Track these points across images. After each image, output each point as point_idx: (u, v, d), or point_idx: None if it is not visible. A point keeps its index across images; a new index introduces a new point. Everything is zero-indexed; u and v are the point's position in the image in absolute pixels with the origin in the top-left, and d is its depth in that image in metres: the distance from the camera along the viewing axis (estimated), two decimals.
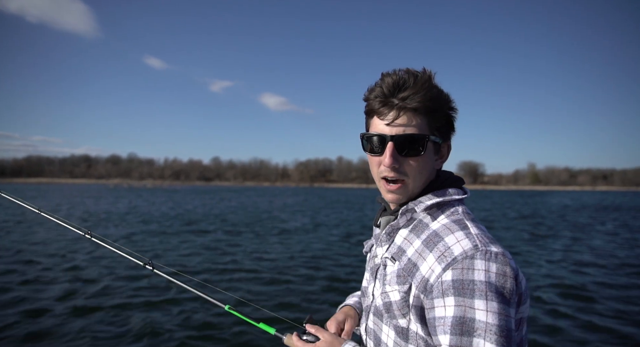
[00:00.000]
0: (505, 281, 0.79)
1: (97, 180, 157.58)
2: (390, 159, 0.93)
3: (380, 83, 0.96)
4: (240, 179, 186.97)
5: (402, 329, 0.92)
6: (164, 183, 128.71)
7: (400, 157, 0.95)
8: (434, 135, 0.96)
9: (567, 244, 12.19)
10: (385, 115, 0.95)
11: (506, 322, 0.77)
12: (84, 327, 4.94)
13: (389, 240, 1.04)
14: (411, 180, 0.97)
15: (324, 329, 1.12)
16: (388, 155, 0.94)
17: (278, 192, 69.68)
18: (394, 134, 0.93)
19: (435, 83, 0.96)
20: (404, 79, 0.93)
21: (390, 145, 0.94)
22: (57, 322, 5.05)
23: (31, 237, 11.60)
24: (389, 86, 0.93)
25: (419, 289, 0.88)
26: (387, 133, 0.94)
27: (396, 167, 0.95)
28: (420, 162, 0.96)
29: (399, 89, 0.93)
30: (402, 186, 0.97)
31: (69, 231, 1.67)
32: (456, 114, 1.00)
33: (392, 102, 0.93)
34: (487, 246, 0.83)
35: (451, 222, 0.92)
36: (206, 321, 5.27)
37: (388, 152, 0.94)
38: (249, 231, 14.26)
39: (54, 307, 5.64)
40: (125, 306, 5.72)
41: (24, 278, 7.00)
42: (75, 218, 17.92)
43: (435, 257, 0.86)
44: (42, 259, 8.58)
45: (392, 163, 0.94)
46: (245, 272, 8.06)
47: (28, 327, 4.86)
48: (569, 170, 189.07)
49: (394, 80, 0.93)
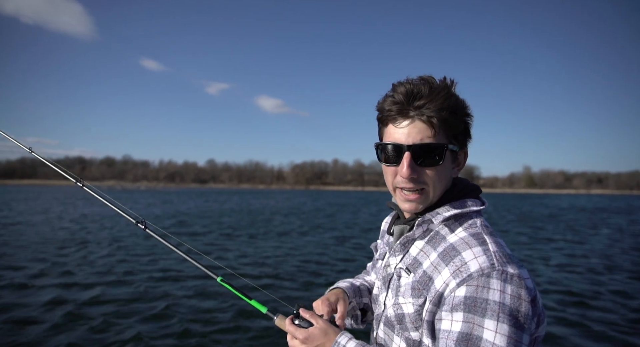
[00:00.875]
0: (520, 304, 0.77)
1: (91, 182, 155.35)
2: (408, 169, 0.90)
3: (394, 92, 0.93)
4: (236, 181, 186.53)
5: (413, 341, 0.91)
6: (157, 185, 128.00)
7: (417, 167, 0.92)
8: (451, 143, 0.93)
9: (564, 247, 11.98)
10: (400, 124, 0.92)
11: (515, 346, 0.74)
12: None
13: (403, 250, 1.01)
14: (430, 189, 0.94)
15: (318, 316, 1.05)
16: (406, 166, 0.90)
17: (273, 194, 69.16)
18: (410, 144, 0.90)
19: (452, 91, 0.92)
20: (418, 88, 0.90)
21: (407, 155, 0.90)
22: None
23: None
24: (404, 95, 0.90)
25: (432, 303, 0.85)
26: (403, 142, 0.91)
27: (414, 177, 0.92)
28: (439, 171, 0.93)
29: (414, 97, 0.90)
30: (422, 196, 0.94)
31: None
32: (472, 120, 0.97)
33: (408, 111, 0.90)
34: (505, 265, 0.81)
35: (469, 236, 0.90)
36: (197, 290, 5.07)
37: (405, 162, 0.90)
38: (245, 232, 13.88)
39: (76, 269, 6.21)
40: (113, 263, 6.02)
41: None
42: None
43: (451, 272, 0.84)
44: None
45: (410, 174, 0.90)
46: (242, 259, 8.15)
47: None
48: (564, 173, 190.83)
49: (408, 89, 0.90)
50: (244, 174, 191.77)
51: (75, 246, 7.28)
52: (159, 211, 23.86)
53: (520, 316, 0.77)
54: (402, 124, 0.92)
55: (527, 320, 0.77)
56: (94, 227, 12.00)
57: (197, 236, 13.24)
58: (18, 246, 10.26)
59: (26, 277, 6.71)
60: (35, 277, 6.75)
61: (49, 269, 7.45)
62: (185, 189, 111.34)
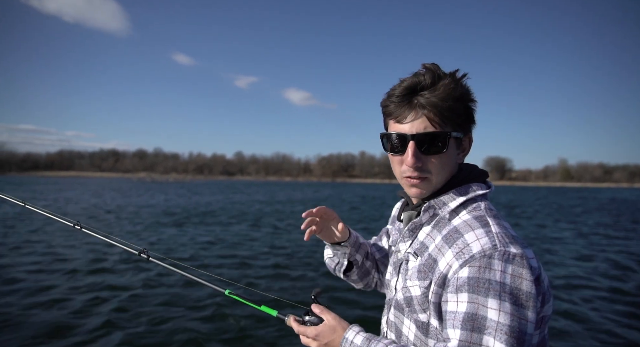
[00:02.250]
0: (521, 282, 0.79)
1: (123, 174, 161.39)
2: (413, 158, 0.93)
3: (398, 86, 0.95)
4: (263, 173, 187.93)
5: (422, 323, 0.94)
6: (186, 177, 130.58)
7: (422, 155, 0.94)
8: (455, 131, 0.94)
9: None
10: (404, 115, 0.94)
11: (519, 323, 0.76)
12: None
13: (411, 236, 1.04)
14: (434, 176, 0.96)
15: (329, 311, 1.06)
16: (410, 155, 0.93)
17: (299, 187, 68.85)
18: (414, 133, 0.93)
19: (455, 79, 0.93)
20: (420, 79, 0.93)
21: (411, 144, 0.93)
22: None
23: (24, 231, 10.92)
24: (407, 87, 0.93)
25: (437, 285, 0.88)
26: (407, 132, 0.94)
27: (419, 166, 0.94)
28: (443, 158, 0.94)
29: (416, 88, 0.92)
30: (426, 180, 0.96)
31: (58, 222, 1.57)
32: (476, 106, 0.98)
33: (411, 102, 0.93)
34: (507, 246, 0.82)
35: (472, 218, 0.91)
36: (206, 306, 5.04)
37: (410, 151, 0.93)
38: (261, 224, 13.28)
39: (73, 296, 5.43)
40: (122, 295, 5.34)
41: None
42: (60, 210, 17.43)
43: (454, 254, 0.87)
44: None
45: (414, 162, 0.93)
46: (244, 260, 8.03)
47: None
48: (604, 166, 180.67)
49: (411, 82, 0.93)
50: (271, 167, 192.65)
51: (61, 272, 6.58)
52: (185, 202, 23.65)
53: (522, 294, 0.78)
54: (406, 116, 0.93)
55: (529, 298, 0.78)
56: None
57: (224, 225, 12.79)
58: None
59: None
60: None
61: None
62: (213, 181, 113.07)
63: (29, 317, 4.70)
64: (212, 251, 9.20)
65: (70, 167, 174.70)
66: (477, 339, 0.77)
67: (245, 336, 4.38)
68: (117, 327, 4.49)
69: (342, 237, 1.20)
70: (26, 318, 4.68)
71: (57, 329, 4.41)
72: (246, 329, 4.51)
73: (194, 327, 4.52)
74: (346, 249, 1.23)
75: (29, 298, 5.41)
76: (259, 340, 4.28)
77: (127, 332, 4.35)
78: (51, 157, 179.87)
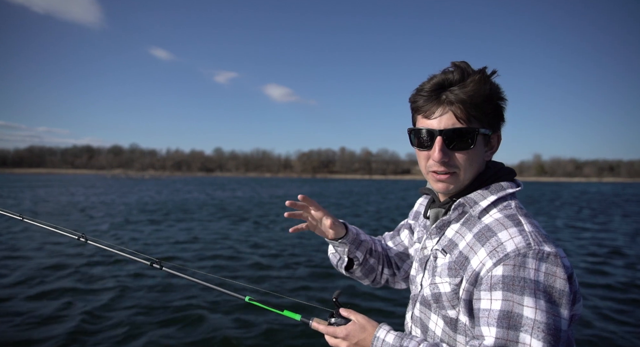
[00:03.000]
0: (555, 281, 0.80)
1: (97, 170, 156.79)
2: (440, 153, 0.93)
3: (427, 81, 0.96)
4: (242, 169, 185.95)
5: (451, 319, 0.94)
6: (163, 174, 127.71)
7: (449, 151, 0.95)
8: (483, 128, 0.95)
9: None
10: (432, 111, 0.95)
11: (554, 321, 0.78)
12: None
13: (439, 233, 1.04)
14: (462, 172, 0.97)
15: (357, 312, 1.06)
16: (437, 150, 0.94)
17: (279, 183, 68.29)
18: (442, 129, 0.93)
19: (484, 77, 0.94)
20: (449, 75, 0.93)
21: (439, 140, 0.94)
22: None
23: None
24: (436, 83, 0.94)
25: (469, 282, 0.89)
26: (435, 127, 0.94)
27: (446, 161, 0.95)
28: (471, 155, 0.95)
29: (445, 84, 0.93)
30: (453, 176, 0.97)
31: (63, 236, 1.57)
32: (505, 104, 0.98)
33: (439, 98, 0.93)
34: (541, 245, 0.83)
35: (504, 217, 0.91)
36: (227, 314, 4.82)
37: (437, 146, 0.94)
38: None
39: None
40: (136, 310, 4.93)
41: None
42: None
43: (487, 252, 0.87)
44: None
45: (441, 157, 0.94)
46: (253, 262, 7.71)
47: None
48: (575, 161, 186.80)
49: (440, 78, 0.94)
50: (251, 163, 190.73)
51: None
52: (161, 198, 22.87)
53: (556, 292, 0.79)
54: (434, 112, 0.94)
55: (563, 296, 0.79)
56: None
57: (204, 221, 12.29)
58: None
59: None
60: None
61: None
62: (191, 177, 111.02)
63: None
64: (193, 247, 8.74)
65: (40, 164, 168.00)
66: (513, 336, 0.78)
67: (270, 341, 4.27)
68: (136, 337, 4.26)
69: (336, 233, 1.18)
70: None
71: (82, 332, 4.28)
72: (269, 335, 4.38)
73: (216, 336, 4.34)
74: (345, 246, 1.22)
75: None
76: (284, 345, 4.18)
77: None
78: (20, 154, 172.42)
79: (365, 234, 1.31)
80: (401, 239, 1.34)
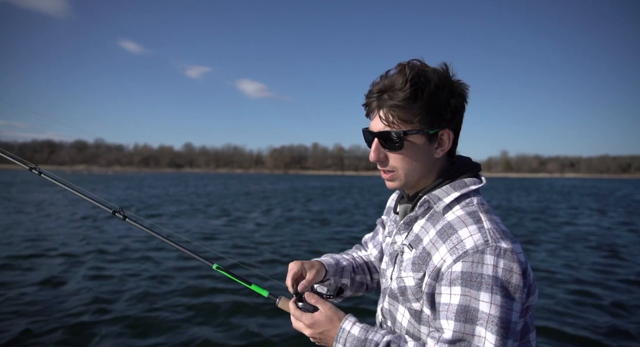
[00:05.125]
0: (511, 276, 0.84)
1: (59, 166, 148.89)
2: (373, 153, 1.00)
3: (371, 84, 1.00)
4: (213, 165, 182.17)
5: (415, 311, 0.98)
6: (128, 170, 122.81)
7: (386, 151, 0.99)
8: (417, 129, 0.96)
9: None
10: (372, 113, 1.00)
11: (507, 315, 0.83)
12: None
13: (407, 228, 1.08)
14: (401, 171, 1.00)
15: (324, 300, 1.07)
16: (372, 151, 1.00)
17: (249, 179, 66.73)
18: (375, 131, 0.99)
19: (427, 75, 0.94)
20: (391, 78, 0.96)
21: (375, 141, 0.99)
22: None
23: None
24: (374, 86, 0.98)
25: (431, 277, 0.92)
26: (372, 129, 1.00)
27: (381, 161, 1.00)
28: (404, 155, 0.98)
29: (384, 88, 0.95)
30: (393, 175, 1.02)
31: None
32: (458, 101, 0.98)
33: (376, 101, 0.97)
34: (498, 241, 0.87)
35: (465, 214, 0.95)
36: (191, 281, 4.71)
37: (373, 147, 1.00)
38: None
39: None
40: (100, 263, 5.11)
41: None
42: None
43: (448, 249, 0.90)
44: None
45: (373, 158, 1.00)
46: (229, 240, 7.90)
47: None
48: (539, 157, 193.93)
49: (377, 82, 0.98)
50: (222, 158, 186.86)
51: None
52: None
53: (511, 287, 0.84)
54: (373, 114, 1.00)
55: (517, 290, 0.84)
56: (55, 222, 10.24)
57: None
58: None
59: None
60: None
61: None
62: (157, 173, 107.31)
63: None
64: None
65: None
66: (470, 329, 0.83)
67: (234, 312, 4.19)
68: (103, 303, 4.29)
69: (319, 277, 1.20)
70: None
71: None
72: (235, 307, 4.31)
73: (182, 303, 4.29)
74: (330, 281, 1.24)
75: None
76: (248, 318, 4.08)
77: (114, 311, 4.17)
78: None
79: (343, 255, 1.35)
80: (380, 239, 1.35)
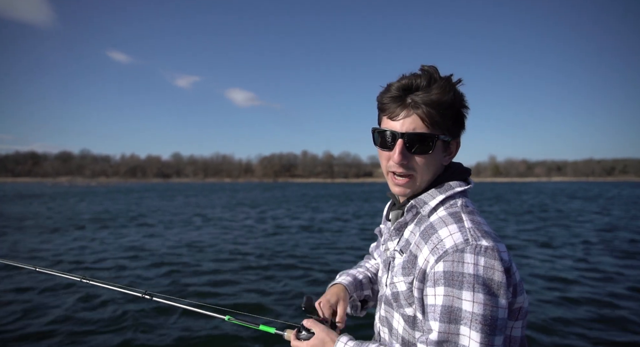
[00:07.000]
0: (493, 273, 0.83)
1: (42, 178, 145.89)
2: (400, 155, 0.97)
3: (395, 83, 0.98)
4: (201, 175, 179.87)
5: (408, 317, 0.99)
6: (112, 181, 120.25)
7: (408, 154, 0.98)
8: (443, 134, 0.97)
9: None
10: (397, 113, 0.97)
11: (491, 312, 0.82)
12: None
13: (398, 234, 1.09)
14: (419, 175, 1.00)
15: (319, 323, 1.11)
16: (397, 152, 0.97)
17: (236, 189, 65.46)
18: (404, 132, 0.96)
19: (450, 84, 0.96)
20: (418, 80, 0.95)
21: (400, 142, 0.97)
22: None
23: None
24: (402, 86, 0.96)
25: (418, 280, 0.93)
26: (398, 130, 0.97)
27: (404, 163, 0.98)
28: (429, 159, 0.98)
29: (411, 88, 0.95)
30: (410, 181, 1.01)
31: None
32: (467, 112, 1.01)
33: (405, 102, 0.96)
34: (478, 240, 0.87)
35: (447, 215, 0.96)
36: (207, 333, 4.67)
37: (397, 148, 0.97)
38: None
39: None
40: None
41: None
42: None
43: (430, 249, 0.91)
44: None
45: (400, 159, 0.97)
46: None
47: None
48: (527, 162, 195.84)
49: (407, 81, 0.96)
50: (210, 168, 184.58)
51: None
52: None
53: (494, 284, 0.83)
54: (398, 114, 0.97)
55: (501, 287, 0.83)
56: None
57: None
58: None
59: None
60: None
61: None
62: (146, 183, 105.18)
63: None
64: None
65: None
66: (454, 329, 0.83)
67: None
68: None
69: (347, 303, 1.24)
70: None
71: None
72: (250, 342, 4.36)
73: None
74: (354, 297, 1.30)
75: None
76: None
77: None
78: None
79: (358, 269, 1.38)
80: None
